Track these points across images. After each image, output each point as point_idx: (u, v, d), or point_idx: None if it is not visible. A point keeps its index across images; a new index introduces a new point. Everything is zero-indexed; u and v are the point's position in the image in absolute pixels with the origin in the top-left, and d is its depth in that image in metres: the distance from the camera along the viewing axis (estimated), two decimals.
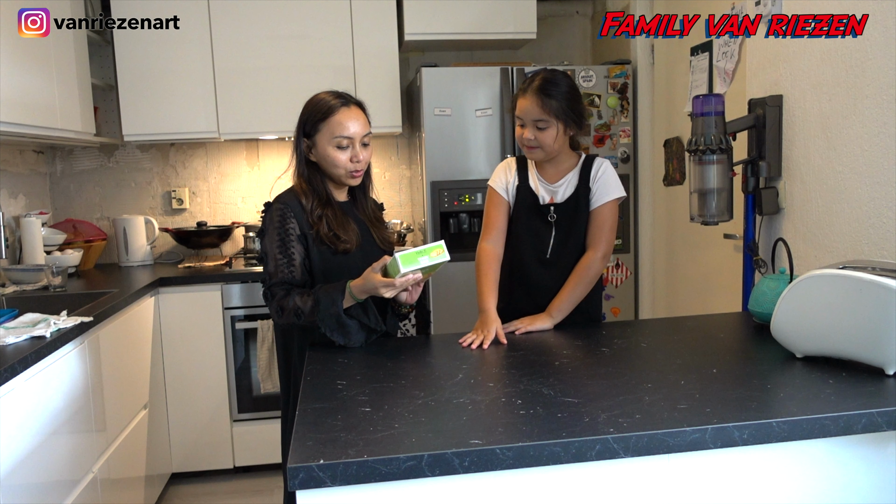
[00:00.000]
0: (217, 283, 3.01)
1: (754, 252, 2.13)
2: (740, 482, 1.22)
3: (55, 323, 1.94)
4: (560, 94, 1.86)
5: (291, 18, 3.21)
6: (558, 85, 1.86)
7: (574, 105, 1.88)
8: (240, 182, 3.63)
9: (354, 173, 1.80)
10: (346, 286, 1.67)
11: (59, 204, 3.49)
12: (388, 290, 1.64)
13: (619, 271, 3.31)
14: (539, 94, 1.85)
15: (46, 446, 1.83)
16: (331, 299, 1.66)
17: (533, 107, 1.85)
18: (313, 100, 1.82)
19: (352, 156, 1.77)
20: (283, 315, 1.73)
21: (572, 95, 1.89)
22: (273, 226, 1.77)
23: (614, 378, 1.39)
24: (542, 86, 1.86)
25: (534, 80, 1.88)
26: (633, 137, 3.27)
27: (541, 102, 1.85)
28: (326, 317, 1.66)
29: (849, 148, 1.79)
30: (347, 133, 1.76)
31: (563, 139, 1.90)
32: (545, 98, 1.84)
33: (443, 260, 1.62)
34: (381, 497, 1.10)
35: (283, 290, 1.74)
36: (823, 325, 1.41)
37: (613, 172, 1.97)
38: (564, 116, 1.86)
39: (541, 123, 1.86)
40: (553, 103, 1.84)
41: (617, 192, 1.95)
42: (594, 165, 1.96)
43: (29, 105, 2.43)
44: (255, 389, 3.07)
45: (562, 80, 1.88)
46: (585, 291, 1.91)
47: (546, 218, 1.95)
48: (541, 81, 1.87)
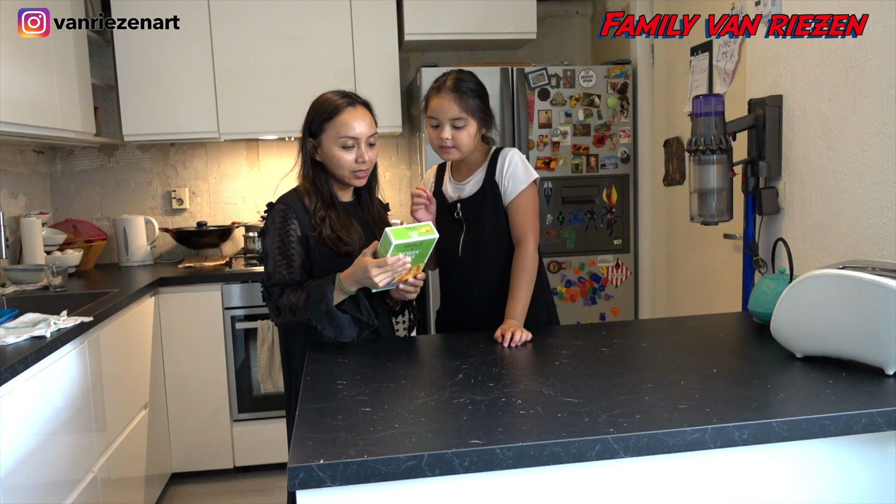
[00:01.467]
0: (217, 283, 3.01)
1: (754, 252, 2.13)
2: (740, 482, 1.22)
3: (55, 323, 1.94)
4: (473, 92, 1.87)
5: (291, 18, 3.21)
6: (471, 83, 1.87)
7: (486, 103, 1.90)
8: (240, 182, 3.63)
9: (359, 174, 1.79)
10: (336, 277, 1.67)
11: (59, 204, 3.49)
12: (380, 272, 1.60)
13: (619, 271, 3.31)
14: (456, 93, 1.84)
15: (46, 446, 1.83)
16: (321, 291, 1.66)
17: (450, 105, 1.84)
18: (319, 99, 1.81)
19: (357, 156, 1.76)
20: (280, 314, 1.73)
21: (483, 93, 1.90)
22: (274, 226, 1.77)
23: (614, 378, 1.39)
24: (457, 84, 1.86)
25: (446, 79, 1.88)
26: (633, 137, 3.27)
27: (458, 100, 1.84)
28: (316, 310, 1.66)
29: (849, 148, 1.79)
30: (353, 133, 1.75)
31: (477, 138, 1.90)
32: (461, 96, 1.84)
33: (432, 237, 1.61)
34: (381, 497, 1.10)
35: (279, 289, 1.75)
36: (823, 325, 1.41)
37: (521, 161, 1.91)
38: (481, 114, 1.87)
39: (458, 122, 1.84)
40: (470, 101, 1.84)
41: (526, 180, 1.89)
42: (499, 159, 1.91)
43: (29, 105, 2.43)
44: (255, 389, 3.08)
45: (473, 79, 1.89)
46: (532, 284, 1.86)
47: (453, 216, 1.95)
48: (455, 80, 1.87)
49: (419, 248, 1.63)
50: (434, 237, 1.62)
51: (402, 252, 1.59)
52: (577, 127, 3.20)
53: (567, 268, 3.25)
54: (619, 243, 3.29)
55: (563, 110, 3.18)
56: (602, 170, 3.25)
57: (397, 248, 1.57)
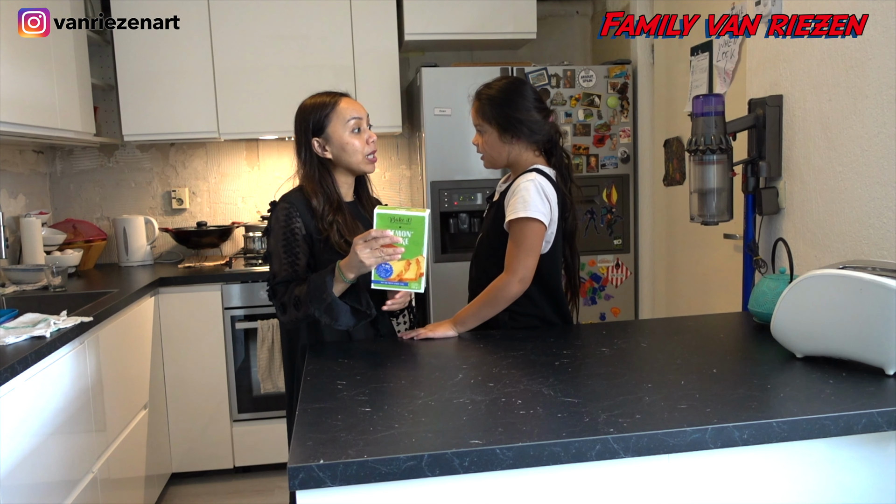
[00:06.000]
0: (217, 283, 3.01)
1: (754, 252, 2.13)
2: (740, 482, 1.22)
3: (55, 323, 1.94)
4: (491, 99, 1.85)
5: (291, 18, 3.21)
6: (493, 90, 1.87)
7: (506, 111, 1.83)
8: (240, 182, 3.63)
9: (371, 156, 1.82)
10: (336, 265, 1.66)
11: (59, 204, 3.49)
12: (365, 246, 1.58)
13: (619, 271, 3.31)
14: (476, 100, 1.88)
15: (46, 446, 1.83)
16: (321, 280, 1.66)
17: (473, 112, 1.89)
18: (310, 103, 1.83)
19: (367, 137, 1.81)
20: (286, 311, 1.73)
21: (505, 101, 1.84)
22: (279, 225, 1.77)
23: (614, 378, 1.39)
24: (478, 92, 1.88)
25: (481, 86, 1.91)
26: (633, 137, 3.27)
27: (476, 107, 1.88)
28: (316, 299, 1.65)
29: (849, 148, 1.79)
30: (358, 114, 1.80)
31: (501, 147, 1.86)
32: (478, 103, 1.87)
33: (421, 214, 1.57)
34: (381, 497, 1.10)
35: (284, 287, 1.75)
36: (823, 325, 1.41)
37: (528, 191, 1.78)
38: (500, 120, 1.83)
39: (479, 128, 1.88)
40: (487, 108, 1.85)
41: (519, 213, 1.76)
42: (518, 179, 1.83)
43: (29, 105, 2.43)
44: (255, 389, 3.07)
45: (497, 87, 1.87)
46: (491, 311, 1.80)
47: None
48: (481, 87, 1.89)
49: (409, 226, 1.58)
50: (423, 214, 1.57)
51: (388, 228, 1.57)
52: (577, 127, 3.20)
53: None
54: (619, 243, 3.29)
55: (563, 110, 3.18)
56: (602, 170, 3.25)
57: (381, 218, 1.57)
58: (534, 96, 1.87)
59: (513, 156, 1.88)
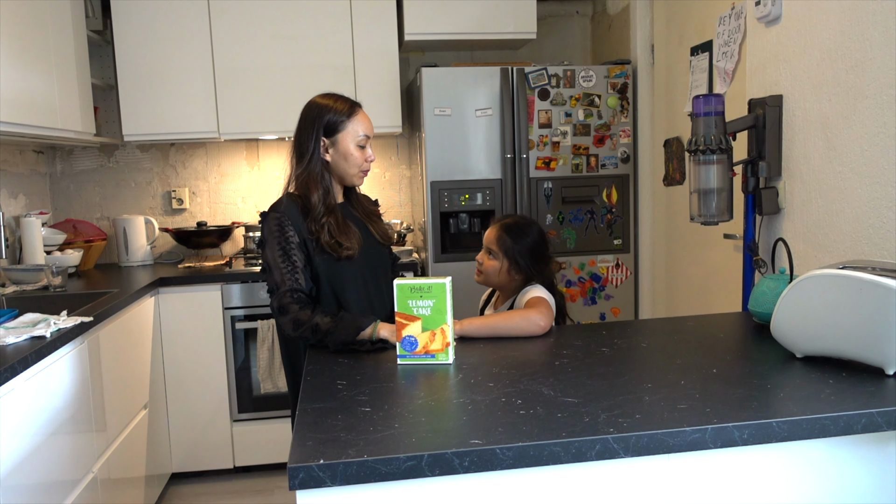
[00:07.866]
0: (217, 283, 3.01)
1: (754, 252, 2.13)
2: (740, 482, 1.22)
3: (55, 323, 1.94)
4: (514, 236, 2.00)
5: (291, 18, 3.21)
6: (523, 231, 2.02)
7: (529, 257, 1.99)
8: (240, 182, 3.63)
9: (364, 173, 1.87)
10: (376, 322, 1.68)
11: (59, 204, 3.49)
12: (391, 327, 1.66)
13: (619, 271, 3.31)
14: (500, 229, 2.03)
15: (46, 446, 1.83)
16: (355, 327, 1.66)
17: (491, 235, 2.04)
18: (325, 103, 1.82)
19: (368, 156, 1.85)
20: (299, 328, 1.70)
21: (527, 241, 2.01)
22: (272, 235, 1.76)
23: (614, 378, 1.39)
24: (508, 224, 2.04)
25: (507, 218, 2.09)
26: (633, 137, 3.27)
27: (497, 235, 2.02)
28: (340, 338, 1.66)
29: (849, 148, 1.79)
30: (369, 132, 1.85)
31: (506, 276, 2.02)
32: (503, 234, 2.02)
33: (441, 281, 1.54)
34: (381, 497, 1.10)
35: (294, 300, 1.72)
36: (823, 325, 1.41)
37: (538, 288, 1.96)
38: (513, 255, 1.99)
39: (491, 252, 2.03)
40: (508, 242, 2.00)
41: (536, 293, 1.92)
42: (523, 289, 1.99)
43: (29, 105, 2.43)
44: (255, 389, 3.08)
45: (526, 226, 2.04)
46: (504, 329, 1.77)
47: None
48: (511, 221, 2.05)
49: (430, 295, 1.55)
50: (444, 281, 1.55)
51: (409, 298, 1.55)
52: (577, 127, 3.20)
53: (567, 268, 3.25)
54: (619, 243, 3.29)
55: (563, 110, 3.18)
56: (602, 170, 3.25)
57: (401, 289, 1.55)
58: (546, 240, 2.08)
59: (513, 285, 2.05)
